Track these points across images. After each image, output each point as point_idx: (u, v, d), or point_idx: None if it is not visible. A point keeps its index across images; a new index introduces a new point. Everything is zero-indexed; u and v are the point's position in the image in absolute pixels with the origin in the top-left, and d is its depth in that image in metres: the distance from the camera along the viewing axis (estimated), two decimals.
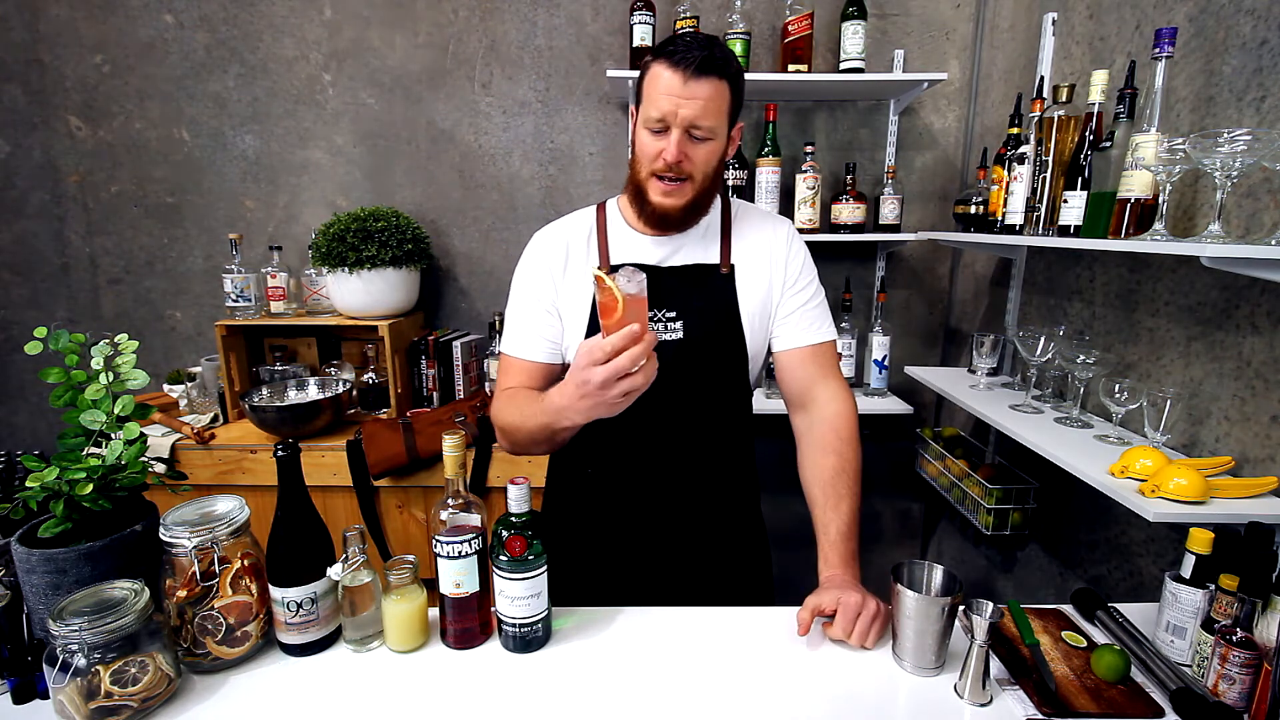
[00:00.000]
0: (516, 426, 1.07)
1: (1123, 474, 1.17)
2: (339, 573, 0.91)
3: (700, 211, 1.11)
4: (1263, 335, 1.15)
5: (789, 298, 1.15)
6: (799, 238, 1.19)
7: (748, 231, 1.17)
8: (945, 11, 2.13)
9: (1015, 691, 0.87)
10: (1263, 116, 1.15)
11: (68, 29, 2.13)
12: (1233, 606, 0.84)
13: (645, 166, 1.05)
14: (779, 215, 1.25)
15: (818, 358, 1.16)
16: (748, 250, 1.15)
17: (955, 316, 2.29)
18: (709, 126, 1.01)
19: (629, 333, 0.85)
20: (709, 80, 0.99)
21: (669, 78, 0.99)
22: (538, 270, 1.16)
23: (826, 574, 1.04)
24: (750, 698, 0.86)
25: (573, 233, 1.17)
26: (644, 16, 1.98)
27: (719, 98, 1.01)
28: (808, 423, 1.15)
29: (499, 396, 1.14)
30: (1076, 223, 1.36)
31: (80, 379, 0.92)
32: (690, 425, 1.14)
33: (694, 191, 1.06)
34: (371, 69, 2.16)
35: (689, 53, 0.98)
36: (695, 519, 1.18)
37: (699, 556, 1.18)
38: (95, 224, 2.25)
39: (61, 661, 0.74)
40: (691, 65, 0.97)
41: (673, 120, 1.00)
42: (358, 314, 2.02)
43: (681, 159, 1.02)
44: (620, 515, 1.17)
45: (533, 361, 1.15)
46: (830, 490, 1.08)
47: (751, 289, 1.14)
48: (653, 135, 1.03)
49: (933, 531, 2.45)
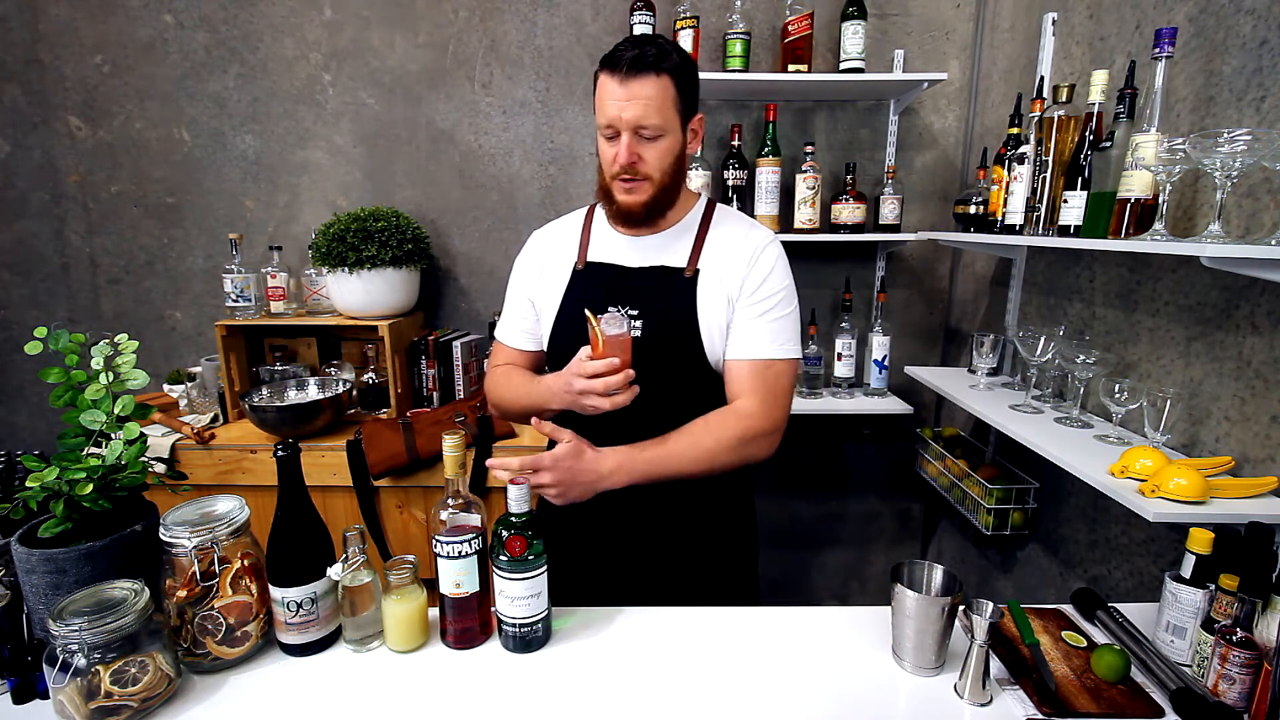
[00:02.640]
0: (509, 401, 1.21)
1: (1123, 474, 1.17)
2: (339, 573, 0.92)
3: (665, 207, 1.13)
4: (1263, 335, 1.15)
5: (745, 308, 1.13)
6: (775, 250, 1.16)
7: (721, 237, 1.17)
8: (945, 11, 2.13)
9: (1015, 691, 0.87)
10: (1263, 116, 1.15)
11: (68, 29, 2.13)
12: (1233, 606, 0.84)
13: (607, 171, 1.10)
14: (761, 226, 1.21)
15: (753, 375, 1.12)
16: (717, 256, 1.15)
17: (955, 316, 2.29)
18: (655, 124, 1.04)
19: (608, 363, 0.99)
20: (645, 79, 1.01)
21: (608, 84, 1.03)
22: (523, 267, 1.28)
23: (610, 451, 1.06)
24: (750, 697, 0.86)
25: (560, 233, 1.25)
26: (644, 16, 1.98)
27: (660, 94, 1.03)
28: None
29: (492, 373, 1.28)
30: (1076, 223, 1.36)
31: (80, 379, 0.92)
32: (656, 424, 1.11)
33: (653, 189, 1.09)
34: (371, 69, 2.16)
35: (623, 55, 1.02)
36: (672, 517, 1.18)
37: (677, 556, 1.20)
38: (95, 224, 2.25)
39: (61, 661, 0.74)
40: (625, 66, 1.01)
41: (619, 125, 1.04)
42: (358, 314, 2.02)
43: (635, 160, 1.06)
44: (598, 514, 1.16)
45: (515, 349, 1.28)
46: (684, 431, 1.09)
47: (713, 294, 1.13)
48: (608, 141, 1.08)
49: (933, 531, 2.45)
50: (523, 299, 1.26)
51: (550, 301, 1.21)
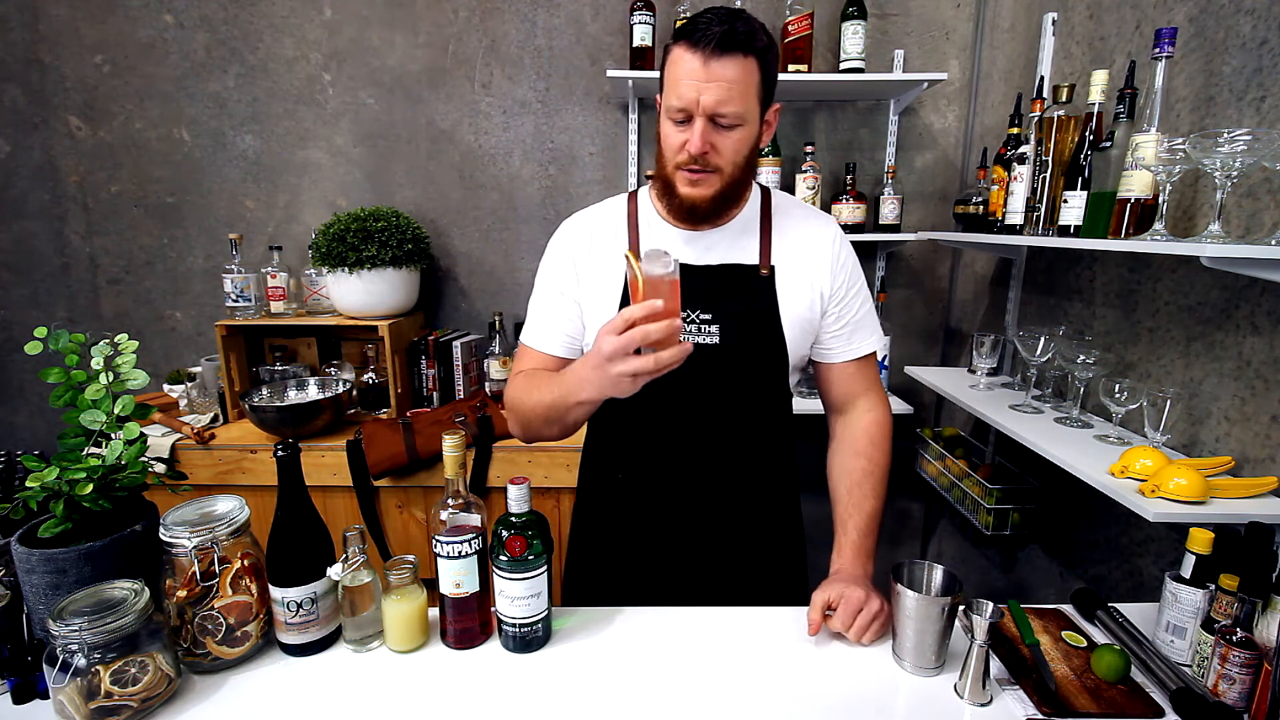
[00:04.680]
0: (530, 406, 1.01)
1: (1123, 474, 1.17)
2: (339, 573, 0.91)
3: (732, 203, 1.03)
4: (1263, 335, 1.15)
5: (836, 308, 1.08)
6: (846, 240, 1.11)
7: (791, 230, 1.08)
8: (945, 11, 2.13)
9: (1015, 691, 0.87)
10: (1263, 116, 1.15)
11: (68, 29, 2.13)
12: (1233, 606, 0.84)
13: (670, 159, 0.98)
14: (824, 213, 1.16)
15: (862, 370, 1.13)
16: (791, 251, 1.07)
17: (955, 316, 2.29)
18: (735, 112, 0.92)
19: (648, 305, 0.81)
20: (732, 59, 0.89)
21: (689, 61, 0.90)
22: (561, 258, 1.10)
23: (836, 566, 1.04)
24: (749, 697, 0.86)
25: (601, 221, 1.11)
26: (644, 16, 1.98)
27: (745, 79, 0.91)
28: (843, 424, 1.15)
29: (514, 379, 1.08)
30: (1076, 223, 1.36)
31: (80, 379, 0.92)
32: (726, 433, 1.08)
33: (722, 182, 0.98)
34: (371, 69, 2.16)
35: (708, 30, 0.89)
36: (730, 525, 1.12)
37: (733, 561, 1.14)
38: (95, 224, 2.25)
39: (61, 661, 0.74)
40: (711, 43, 0.88)
41: (694, 109, 0.91)
42: (358, 314, 2.02)
43: (707, 150, 0.93)
44: (653, 521, 1.12)
45: (549, 355, 1.10)
46: (856, 491, 1.08)
47: (795, 294, 1.06)
48: (676, 126, 0.95)
49: (933, 531, 2.45)
50: (559, 295, 1.09)
51: (600, 298, 1.06)
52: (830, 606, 0.96)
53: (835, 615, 0.95)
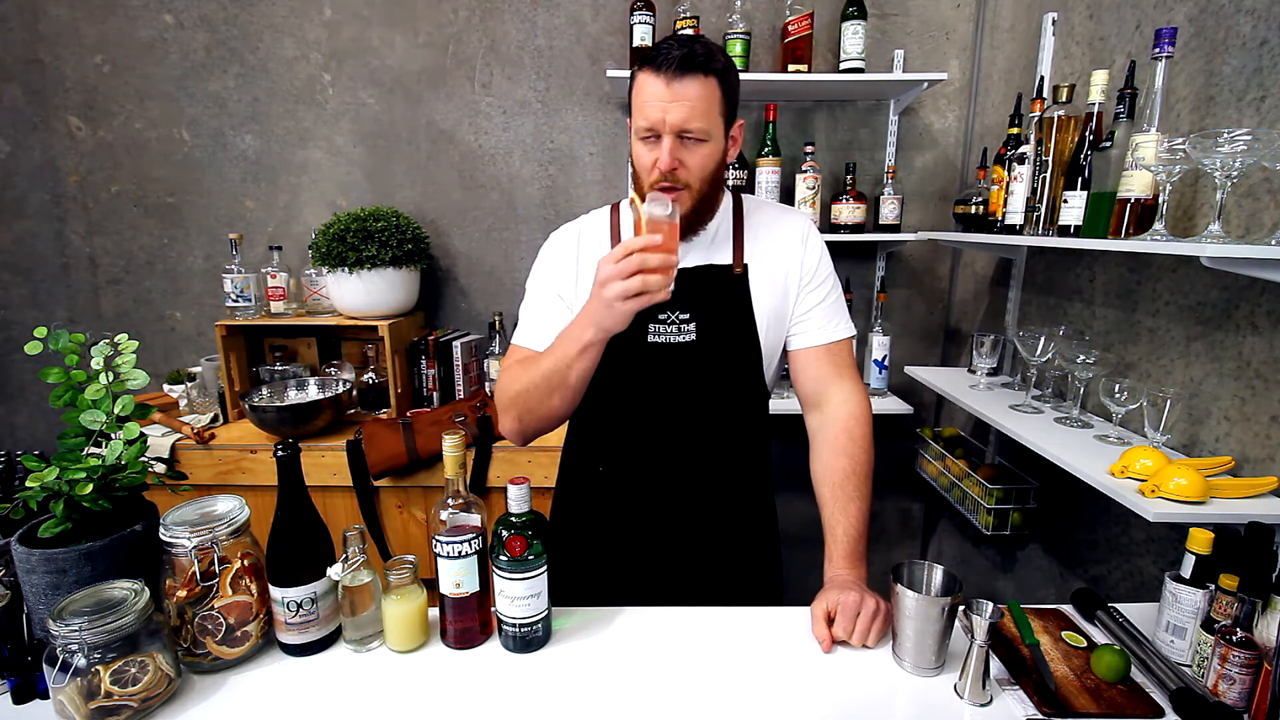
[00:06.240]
0: (527, 383, 1.02)
1: (1123, 474, 1.17)
2: (339, 573, 0.91)
3: (704, 217, 1.09)
4: (1263, 335, 1.15)
5: (805, 296, 1.13)
6: (815, 232, 1.16)
7: (761, 230, 1.14)
8: (945, 11, 2.13)
9: (1015, 691, 0.87)
10: (1263, 116, 1.15)
11: (68, 29, 2.13)
12: (1233, 606, 0.84)
13: (645, 179, 1.04)
14: (795, 210, 1.22)
15: (833, 356, 1.14)
16: (762, 249, 1.13)
17: (955, 316, 2.29)
18: (700, 128, 0.98)
19: (649, 237, 0.87)
20: (693, 79, 0.96)
21: (653, 84, 0.97)
22: (553, 262, 1.16)
23: (829, 574, 1.04)
24: (749, 697, 0.86)
25: (587, 230, 1.17)
26: (644, 16, 1.98)
27: (707, 96, 0.98)
28: (820, 422, 1.14)
29: (504, 373, 1.10)
30: (1076, 223, 1.36)
31: (80, 379, 0.92)
32: (704, 427, 1.13)
33: (693, 199, 1.03)
34: (371, 69, 2.16)
35: (669, 54, 0.96)
36: (707, 520, 1.16)
37: (710, 557, 1.17)
38: (95, 224, 2.25)
39: (61, 661, 0.74)
40: (673, 65, 0.95)
41: (661, 127, 0.98)
42: (358, 314, 2.02)
43: (676, 166, 0.99)
44: (631, 515, 1.16)
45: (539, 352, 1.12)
46: (840, 492, 1.08)
47: (766, 289, 1.12)
48: (646, 145, 1.01)
49: (933, 531, 2.45)
50: (554, 297, 1.14)
51: None
52: (829, 616, 0.97)
53: (835, 623, 0.96)
